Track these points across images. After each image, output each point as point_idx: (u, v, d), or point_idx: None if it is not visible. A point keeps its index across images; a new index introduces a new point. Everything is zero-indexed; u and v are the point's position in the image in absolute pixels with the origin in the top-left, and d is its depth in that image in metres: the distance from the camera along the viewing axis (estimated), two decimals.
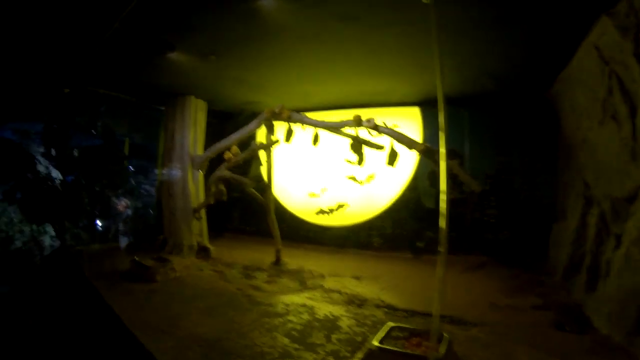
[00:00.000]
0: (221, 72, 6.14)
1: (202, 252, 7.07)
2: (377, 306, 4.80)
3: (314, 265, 6.68)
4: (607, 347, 3.44)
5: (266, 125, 6.42)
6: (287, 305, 4.74)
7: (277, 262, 6.74)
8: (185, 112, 7.18)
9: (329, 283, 5.77)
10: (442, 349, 3.22)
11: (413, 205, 7.73)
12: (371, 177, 7.69)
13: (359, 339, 3.83)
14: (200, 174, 7.28)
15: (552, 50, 4.67)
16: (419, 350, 3.30)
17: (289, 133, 6.05)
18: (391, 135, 5.02)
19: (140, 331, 3.81)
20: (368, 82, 6.45)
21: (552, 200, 6.10)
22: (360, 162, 5.66)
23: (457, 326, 4.05)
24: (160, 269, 5.65)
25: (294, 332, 3.92)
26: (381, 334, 3.49)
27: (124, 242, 7.47)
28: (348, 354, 3.51)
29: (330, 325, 4.14)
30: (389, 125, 5.51)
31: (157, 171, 8.07)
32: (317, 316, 4.38)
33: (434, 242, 7.21)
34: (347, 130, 5.78)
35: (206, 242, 7.25)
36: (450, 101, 6.32)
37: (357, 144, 5.38)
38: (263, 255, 7.20)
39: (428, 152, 4.61)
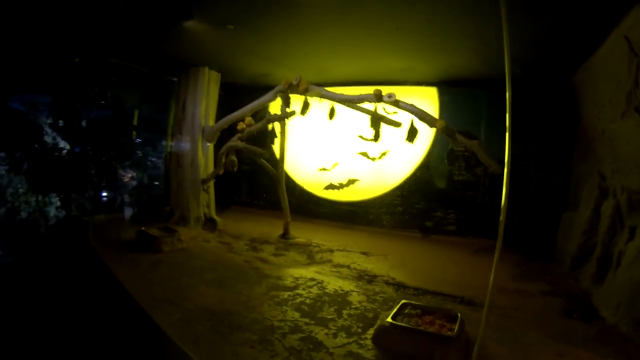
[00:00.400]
0: (237, 42, 5.97)
1: (209, 223, 7.10)
2: (387, 283, 4.87)
3: (322, 240, 6.78)
4: (614, 336, 3.51)
5: (282, 97, 6.30)
6: (297, 278, 4.80)
7: (285, 235, 6.81)
8: (198, 83, 7.05)
9: (338, 258, 5.86)
10: (456, 328, 3.26)
11: (424, 185, 7.75)
12: (384, 154, 7.63)
13: (370, 315, 3.88)
14: (210, 146, 7.22)
15: (579, 39, 4.57)
16: (432, 328, 3.35)
17: (305, 106, 5.93)
18: (412, 112, 4.93)
19: (146, 302, 3.78)
20: (388, 59, 6.31)
21: (565, 190, 6.12)
22: (376, 138, 5.60)
23: (468, 307, 4.13)
24: (167, 239, 5.64)
25: (304, 306, 3.96)
26: (394, 310, 3.54)
27: (129, 213, 7.45)
28: (360, 330, 3.55)
29: (340, 300, 4.20)
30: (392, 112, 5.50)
31: (165, 143, 7.99)
32: (327, 290, 4.44)
33: (443, 222, 7.42)
34: (364, 105, 5.66)
35: (213, 214, 7.27)
36: (468, 83, 6.28)
37: (376, 120, 5.30)
38: (271, 229, 7.26)
39: (449, 131, 4.55)
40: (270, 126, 6.67)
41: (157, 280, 4.49)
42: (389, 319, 3.38)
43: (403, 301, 3.72)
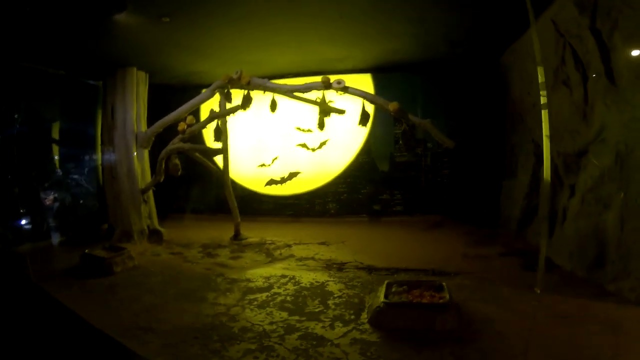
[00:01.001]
0: (168, 38, 5.50)
1: (154, 236, 6.48)
2: (357, 268, 4.90)
3: (275, 236, 6.62)
4: (573, 280, 4.02)
5: (221, 93, 5.88)
6: (267, 278, 4.62)
7: (237, 236, 6.52)
8: (127, 85, 6.34)
9: (298, 252, 5.76)
10: (447, 295, 3.43)
11: (367, 170, 7.90)
12: (323, 143, 7.63)
13: (356, 300, 3.87)
14: (146, 153, 6.54)
15: (508, 22, 5.02)
16: (425, 299, 3.48)
17: (247, 99, 5.58)
18: (363, 97, 4.93)
19: (117, 333, 3.18)
20: (326, 49, 6.29)
21: (500, 160, 6.69)
22: (321, 127, 5.51)
23: (441, 277, 4.29)
24: (117, 259, 5.05)
25: (287, 304, 3.82)
26: (383, 291, 3.61)
27: (62, 237, 6.48)
28: (353, 316, 3.52)
29: (320, 291, 4.13)
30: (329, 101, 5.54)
31: (95, 154, 7.05)
32: (302, 285, 4.34)
33: (390, 204, 7.67)
34: (306, 95, 5.49)
35: (156, 225, 6.64)
36: (403, 67, 6.50)
37: (327, 109, 5.23)
38: (219, 232, 6.94)
39: (401, 113, 4.70)
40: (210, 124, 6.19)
41: (120, 305, 3.96)
42: (382, 299, 3.43)
43: (387, 281, 3.79)
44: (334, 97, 5.54)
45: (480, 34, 5.40)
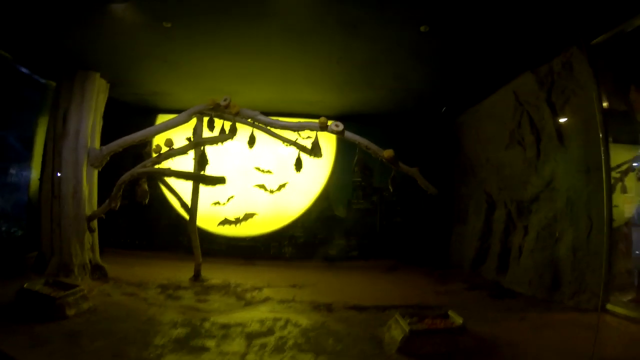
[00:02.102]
0: (147, 46, 5.02)
1: (97, 271, 5.34)
2: (346, 308, 4.71)
3: (236, 279, 6.01)
4: (537, 301, 4.69)
5: (198, 119, 5.45)
6: (261, 321, 4.09)
7: (197, 277, 5.76)
8: (86, 91, 5.41)
9: (272, 294, 5.28)
10: (459, 320, 3.66)
11: (325, 215, 7.88)
12: (283, 185, 7.45)
13: (368, 335, 3.78)
14: (95, 173, 5.52)
15: (473, 89, 5.95)
16: (442, 325, 3.64)
17: (233, 130, 5.21)
18: (359, 142, 4.97)
19: None
20: (301, 91, 6.44)
21: (449, 208, 7.38)
22: (299, 168, 5.44)
23: (427, 310, 4.30)
24: (69, 299, 3.97)
25: (305, 346, 3.51)
26: (402, 321, 3.65)
27: None
28: (377, 350, 3.47)
29: (326, 331, 3.87)
30: (305, 137, 5.66)
31: (25, 166, 5.60)
32: (303, 326, 3.98)
33: (346, 249, 7.73)
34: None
35: (99, 259, 5.47)
36: (366, 118, 7.03)
37: (317, 152, 5.15)
38: (171, 272, 6.08)
39: (394, 160, 4.99)
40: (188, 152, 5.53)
41: None
42: (407, 328, 3.47)
43: (397, 314, 3.81)
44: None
45: (446, 95, 6.24)
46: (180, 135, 5.62)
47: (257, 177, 7.56)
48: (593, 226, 4.27)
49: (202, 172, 5.54)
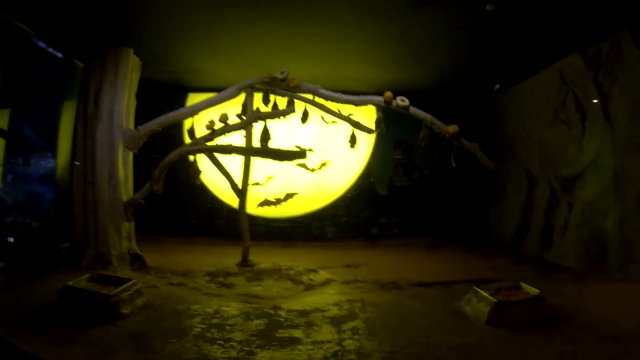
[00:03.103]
0: (180, 21, 4.94)
1: (136, 261, 5.29)
2: (412, 285, 4.97)
3: (284, 261, 6.13)
4: (584, 274, 5.12)
5: (249, 94, 5.35)
6: (337, 304, 4.20)
7: (245, 262, 5.82)
8: (120, 69, 5.24)
9: (331, 275, 5.45)
10: (534, 290, 3.99)
11: (367, 193, 8.15)
12: (324, 164, 7.52)
13: (448, 310, 4.04)
14: (130, 156, 5.40)
15: (516, 69, 6.37)
16: (518, 297, 3.96)
17: (291, 104, 5.15)
18: (424, 118, 5.17)
19: None
20: (349, 66, 6.52)
21: (488, 186, 7.78)
22: (353, 144, 5.62)
23: (491, 283, 4.49)
24: (124, 296, 3.75)
25: (395, 325, 3.66)
26: (485, 294, 3.92)
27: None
28: (464, 322, 3.74)
29: (406, 309, 4.07)
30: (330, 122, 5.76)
31: (52, 149, 5.28)
32: (381, 306, 4.17)
33: (387, 227, 7.98)
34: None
35: (136, 248, 5.40)
36: (407, 96, 7.19)
37: (381, 124, 5.33)
38: (214, 257, 6.13)
39: (457, 135, 5.15)
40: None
41: None
42: (492, 300, 3.75)
43: (474, 287, 4.11)
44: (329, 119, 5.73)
45: (490, 74, 6.62)
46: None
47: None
48: None
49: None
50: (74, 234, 5.09)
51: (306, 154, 5.45)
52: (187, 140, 5.64)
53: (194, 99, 7.42)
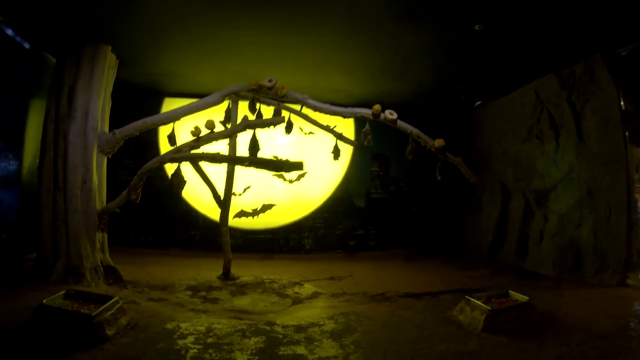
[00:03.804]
0: (169, 14, 4.78)
1: (111, 274, 4.97)
2: (400, 296, 5.08)
3: (266, 274, 6.09)
4: (561, 281, 5.54)
5: (233, 101, 5.38)
6: (332, 318, 4.18)
7: (228, 275, 5.68)
8: (96, 66, 4.95)
9: (317, 288, 5.47)
10: (523, 297, 4.26)
11: (345, 205, 8.25)
12: (302, 175, 7.49)
13: (442, 319, 4.18)
14: (104, 161, 5.10)
15: (493, 86, 6.81)
16: (510, 302, 4.20)
17: (278, 113, 5.12)
18: (411, 132, 5.26)
19: None
20: (332, 78, 6.63)
21: (462, 198, 8.16)
22: (337, 156, 5.74)
23: (474, 292, 4.69)
24: (107, 315, 3.45)
25: (395, 336, 3.72)
26: (478, 303, 4.09)
27: None
28: (461, 331, 3.87)
29: (400, 320, 4.15)
30: (307, 133, 5.90)
31: (15, 151, 4.80)
32: (377, 319, 4.19)
33: (365, 239, 8.08)
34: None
35: (109, 260, 5.07)
36: (385, 107, 7.46)
37: (368, 136, 5.42)
38: (192, 270, 5.96)
39: (442, 149, 5.23)
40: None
41: None
42: (486, 308, 3.94)
43: (466, 296, 4.29)
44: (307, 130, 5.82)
45: (468, 90, 6.96)
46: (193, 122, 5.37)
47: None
48: (612, 212, 5.25)
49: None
50: (42, 245, 4.71)
51: (304, 166, 5.39)
52: (164, 146, 5.47)
53: (170, 104, 7.29)
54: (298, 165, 5.15)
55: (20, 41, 5.37)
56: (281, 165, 5.22)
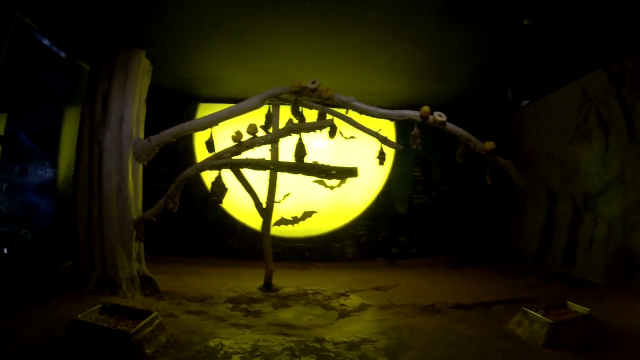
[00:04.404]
0: (208, 17, 4.68)
1: (147, 285, 4.88)
2: (450, 307, 4.89)
3: (308, 285, 5.98)
4: (615, 290, 5.16)
5: (274, 105, 5.24)
6: (384, 333, 3.99)
7: (269, 286, 5.58)
8: (130, 73, 4.89)
9: (363, 300, 5.32)
10: (583, 309, 4.01)
11: (386, 211, 8.14)
12: (344, 181, 7.22)
13: (499, 333, 3.97)
14: (141, 169, 5.02)
15: (537, 85, 6.60)
16: (568, 316, 3.97)
17: (323, 116, 4.94)
18: (460, 134, 5.05)
19: None
20: (375, 79, 6.51)
21: (505, 203, 7.95)
22: (382, 161, 5.55)
23: (525, 303, 4.56)
24: (146, 332, 3.30)
25: (453, 353, 3.54)
26: (538, 316, 3.88)
27: None
28: (522, 346, 3.66)
29: (455, 334, 3.96)
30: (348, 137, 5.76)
31: (49, 160, 4.80)
32: (431, 333, 4.00)
33: (406, 246, 7.90)
34: None
35: (146, 271, 4.99)
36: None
37: (416, 140, 5.12)
38: (228, 281, 5.87)
39: (493, 152, 4.98)
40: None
41: None
42: (547, 321, 3.73)
43: (523, 308, 4.09)
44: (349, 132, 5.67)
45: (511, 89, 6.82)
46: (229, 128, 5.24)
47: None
48: None
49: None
50: (77, 254, 4.66)
51: (358, 172, 5.25)
52: (201, 153, 5.38)
53: (205, 109, 7.26)
54: (352, 172, 4.97)
55: (57, 50, 5.35)
56: (333, 171, 5.03)
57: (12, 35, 4.18)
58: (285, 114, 5.30)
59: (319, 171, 5.13)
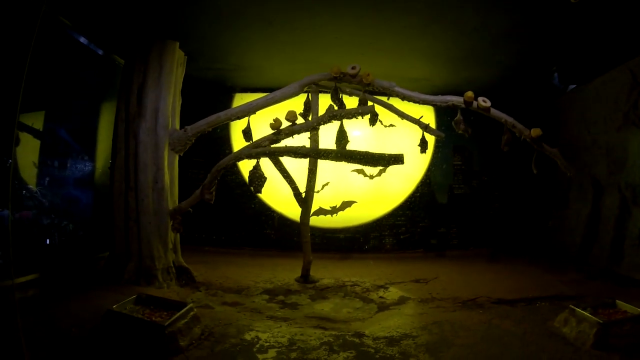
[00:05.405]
0: (232, 7, 4.70)
1: (183, 276, 5.01)
2: (493, 303, 4.80)
3: (347, 276, 6.01)
4: None
5: (313, 92, 5.20)
6: (425, 328, 3.94)
7: (307, 278, 5.63)
8: (165, 64, 4.96)
9: (403, 292, 5.29)
10: (633, 309, 3.86)
11: (427, 201, 8.09)
12: (383, 170, 6.77)
13: (544, 331, 3.87)
14: (176, 159, 5.12)
15: (581, 69, 6.33)
16: (617, 315, 3.84)
17: (365, 102, 4.89)
18: (505, 120, 4.90)
19: None
20: (412, 66, 6.42)
21: (548, 194, 7.75)
22: (424, 150, 5.52)
23: (568, 301, 4.39)
24: (180, 325, 3.36)
25: (498, 352, 3.45)
26: (585, 314, 3.75)
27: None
28: (569, 348, 3.54)
29: (498, 331, 3.87)
30: (387, 125, 5.65)
31: (87, 152, 4.98)
32: (474, 329, 3.93)
33: (446, 237, 7.82)
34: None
35: (182, 261, 5.13)
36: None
37: (461, 125, 5.03)
38: (268, 271, 6.01)
39: (539, 139, 4.87)
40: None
41: None
42: (596, 321, 3.58)
43: (571, 306, 3.95)
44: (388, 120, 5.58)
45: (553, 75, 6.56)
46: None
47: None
48: None
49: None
50: (114, 245, 4.81)
51: (403, 159, 5.09)
52: (237, 142, 5.41)
53: (240, 99, 7.28)
54: (398, 158, 4.88)
55: (94, 48, 5.48)
56: (378, 158, 4.96)
57: (49, 35, 4.28)
58: (324, 103, 5.24)
59: (364, 158, 5.00)
